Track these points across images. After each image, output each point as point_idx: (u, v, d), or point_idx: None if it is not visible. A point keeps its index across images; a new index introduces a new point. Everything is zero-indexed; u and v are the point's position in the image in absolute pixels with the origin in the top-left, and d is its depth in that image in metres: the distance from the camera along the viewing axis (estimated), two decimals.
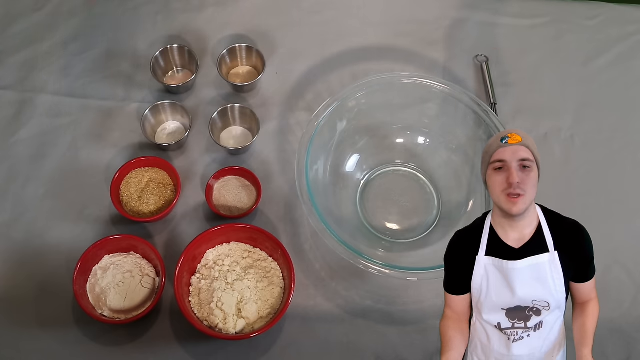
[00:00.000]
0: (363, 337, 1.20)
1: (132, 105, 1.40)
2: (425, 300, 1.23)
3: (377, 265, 1.12)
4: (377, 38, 1.50)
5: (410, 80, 1.29)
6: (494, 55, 1.48)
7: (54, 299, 1.20)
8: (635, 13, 1.55)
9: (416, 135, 1.36)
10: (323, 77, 1.45)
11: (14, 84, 1.41)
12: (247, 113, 1.36)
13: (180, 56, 1.43)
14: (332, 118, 1.27)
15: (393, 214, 1.32)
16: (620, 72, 1.48)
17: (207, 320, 1.16)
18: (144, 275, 1.20)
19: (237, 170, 1.31)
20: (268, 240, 1.20)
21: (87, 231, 1.27)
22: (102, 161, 1.34)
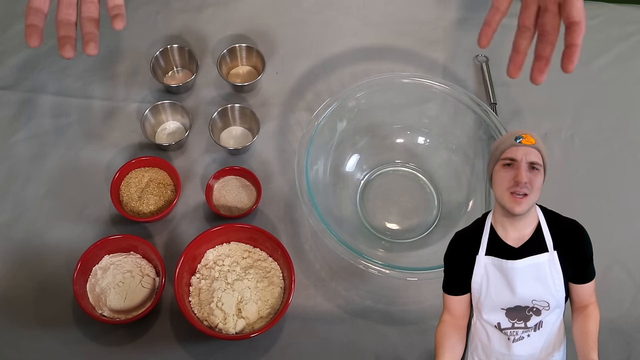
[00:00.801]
0: (363, 337, 1.20)
1: (132, 105, 1.40)
2: (425, 300, 1.23)
3: (377, 265, 1.12)
4: (377, 38, 1.50)
5: (410, 80, 1.29)
6: (494, 55, 1.48)
7: (54, 299, 1.20)
8: (635, 13, 1.55)
9: (416, 135, 1.36)
10: (323, 77, 1.45)
11: (14, 84, 1.41)
12: (247, 113, 1.36)
13: (180, 56, 1.43)
14: (332, 118, 1.27)
15: (393, 214, 1.32)
16: (620, 72, 1.48)
17: (207, 320, 1.16)
18: (144, 275, 1.20)
19: (237, 170, 1.31)
20: (268, 240, 1.20)
21: (87, 231, 1.27)
22: (102, 161, 1.34)
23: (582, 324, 0.92)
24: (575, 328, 0.93)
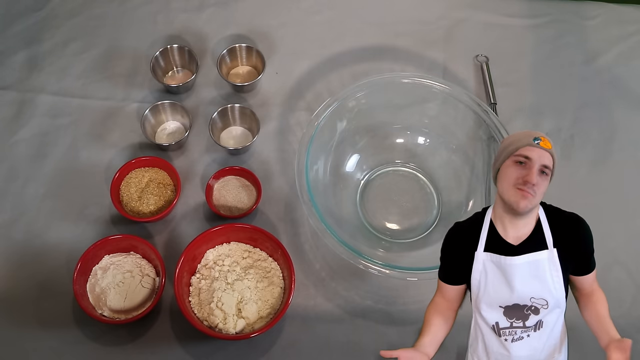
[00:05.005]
0: (363, 337, 1.20)
1: (132, 105, 1.40)
2: (425, 300, 1.22)
3: (377, 265, 1.12)
4: (377, 38, 1.50)
5: (410, 80, 1.29)
6: (494, 55, 1.48)
7: (54, 299, 1.20)
8: (635, 13, 1.55)
9: (416, 135, 1.36)
10: (323, 77, 1.45)
11: (14, 84, 1.41)
12: (247, 113, 1.36)
13: (180, 56, 1.43)
14: (332, 118, 1.27)
15: (393, 214, 1.32)
16: (620, 72, 1.48)
17: (207, 320, 1.16)
18: (144, 275, 1.20)
19: (237, 170, 1.31)
20: (268, 240, 1.20)
21: (87, 231, 1.27)
22: (102, 161, 1.34)
23: (593, 309, 0.93)
24: (587, 314, 0.94)
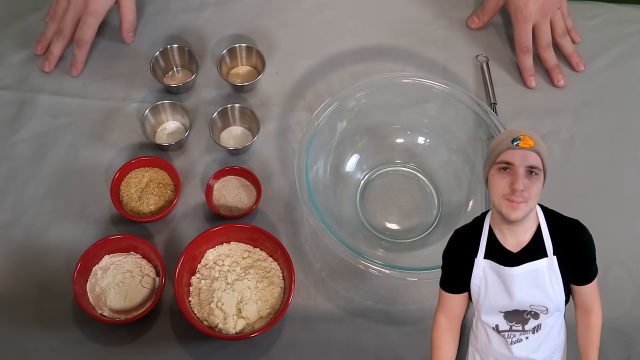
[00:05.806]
0: (363, 337, 1.20)
1: (132, 105, 1.40)
2: (425, 300, 1.23)
3: (377, 265, 1.12)
4: (377, 38, 1.50)
5: (410, 80, 1.29)
6: (494, 55, 1.48)
7: (54, 299, 1.20)
8: (635, 13, 1.55)
9: (416, 135, 1.36)
10: (323, 77, 1.45)
11: (14, 84, 1.41)
12: (247, 113, 1.36)
13: (180, 56, 1.43)
14: (332, 118, 1.27)
15: (393, 214, 1.32)
16: (620, 72, 1.47)
17: (207, 320, 1.16)
18: (144, 275, 1.20)
19: (237, 170, 1.31)
20: (268, 240, 1.20)
21: (87, 231, 1.27)
22: (102, 161, 1.34)
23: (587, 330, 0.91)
24: (579, 331, 0.92)
